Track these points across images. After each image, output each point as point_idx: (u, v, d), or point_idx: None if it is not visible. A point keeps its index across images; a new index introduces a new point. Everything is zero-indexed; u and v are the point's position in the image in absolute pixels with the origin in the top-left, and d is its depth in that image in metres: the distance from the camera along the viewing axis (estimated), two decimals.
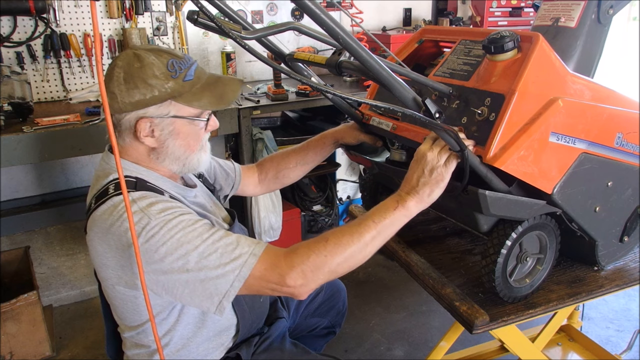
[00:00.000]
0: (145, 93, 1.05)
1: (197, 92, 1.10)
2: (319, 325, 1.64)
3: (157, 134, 1.09)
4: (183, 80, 1.08)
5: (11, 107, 2.10)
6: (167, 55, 1.08)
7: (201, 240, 1.00)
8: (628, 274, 1.38)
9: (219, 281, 1.00)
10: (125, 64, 1.06)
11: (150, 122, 1.08)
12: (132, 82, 1.05)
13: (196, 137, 1.14)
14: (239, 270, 1.00)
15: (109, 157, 1.14)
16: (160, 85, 1.06)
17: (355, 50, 0.85)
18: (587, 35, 1.30)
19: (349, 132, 1.46)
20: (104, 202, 1.05)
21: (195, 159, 1.16)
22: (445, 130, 0.98)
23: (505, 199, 1.07)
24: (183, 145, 1.12)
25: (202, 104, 1.10)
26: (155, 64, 1.06)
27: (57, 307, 2.66)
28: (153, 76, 1.05)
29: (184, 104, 1.09)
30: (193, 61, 1.13)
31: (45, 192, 2.69)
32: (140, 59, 1.06)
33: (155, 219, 1.00)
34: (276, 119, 3.18)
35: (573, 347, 2.12)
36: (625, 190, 1.29)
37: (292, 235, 2.86)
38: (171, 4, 2.72)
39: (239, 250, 1.01)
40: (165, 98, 1.07)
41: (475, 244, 1.53)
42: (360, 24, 1.34)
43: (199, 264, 0.99)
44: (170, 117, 1.08)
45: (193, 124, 1.12)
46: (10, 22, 2.40)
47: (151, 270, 1.00)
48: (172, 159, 1.13)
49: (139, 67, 1.05)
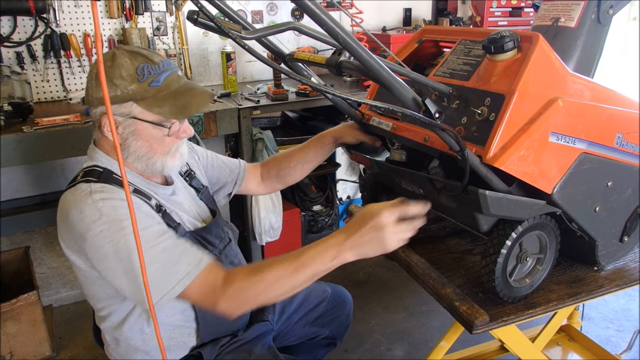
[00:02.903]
0: (109, 92, 1.07)
1: (160, 99, 1.12)
2: (319, 334, 1.63)
3: (120, 131, 1.12)
4: (149, 85, 1.11)
5: (11, 107, 2.10)
6: (142, 59, 1.11)
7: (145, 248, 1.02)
8: (628, 274, 1.38)
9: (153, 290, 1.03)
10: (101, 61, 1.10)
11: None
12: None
13: (160, 141, 1.16)
14: (172, 285, 1.05)
15: (91, 148, 1.21)
16: (124, 87, 1.08)
17: (355, 50, 0.85)
18: (587, 35, 1.30)
19: (348, 131, 1.46)
20: (70, 188, 1.12)
21: (159, 163, 1.18)
22: (445, 130, 0.98)
23: (505, 199, 1.07)
24: (145, 146, 1.15)
25: (162, 111, 1.12)
26: (124, 66, 1.09)
27: (57, 307, 2.66)
28: (119, 77, 1.08)
29: (144, 108, 1.11)
30: (168, 68, 1.14)
31: (45, 192, 2.69)
32: (115, 58, 1.09)
33: (105, 216, 1.04)
34: (276, 119, 3.18)
35: (573, 347, 2.12)
36: (625, 190, 1.29)
37: (292, 235, 2.86)
38: (171, 4, 2.72)
39: (177, 268, 1.06)
40: (126, 99, 1.09)
41: (475, 244, 1.53)
42: (360, 24, 1.34)
43: (137, 271, 1.03)
44: (130, 117, 1.11)
45: (156, 128, 1.14)
46: (10, 22, 2.40)
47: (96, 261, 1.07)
48: (135, 157, 1.16)
49: (109, 66, 1.08)
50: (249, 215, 2.63)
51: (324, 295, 1.61)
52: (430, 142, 1.17)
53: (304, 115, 3.15)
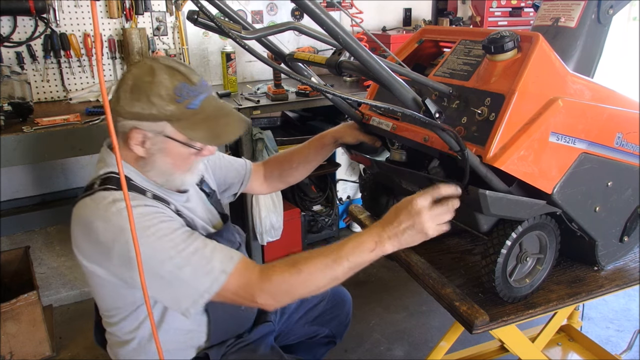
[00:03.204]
0: (145, 108, 1.07)
1: (195, 123, 1.11)
2: (318, 333, 1.63)
3: (148, 146, 1.11)
4: (186, 107, 1.09)
5: (11, 107, 2.10)
6: (180, 77, 1.09)
7: (176, 252, 1.03)
8: (628, 274, 1.38)
9: (189, 291, 1.05)
10: (138, 73, 1.08)
11: (143, 134, 1.10)
12: (137, 93, 1.07)
13: (184, 159, 1.15)
14: (209, 284, 1.05)
15: (105, 153, 1.18)
16: (161, 106, 1.07)
17: (355, 50, 0.85)
18: (587, 35, 1.30)
19: (348, 131, 1.46)
20: (89, 196, 1.08)
21: (179, 179, 1.18)
22: (445, 130, 0.98)
23: (505, 198, 1.07)
24: (170, 163, 1.14)
25: (194, 136, 1.11)
26: (163, 84, 1.07)
27: (57, 307, 2.66)
28: (157, 95, 1.06)
29: (178, 129, 1.10)
30: (205, 89, 1.13)
31: (45, 192, 2.69)
32: (153, 74, 1.07)
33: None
34: (276, 119, 3.18)
35: (573, 347, 2.12)
36: (625, 190, 1.29)
37: (292, 235, 2.86)
38: (171, 4, 2.72)
39: (211, 265, 1.05)
40: (161, 119, 1.08)
41: (475, 244, 1.53)
42: (360, 24, 1.34)
43: (172, 273, 1.03)
44: (163, 135, 1.10)
45: (185, 147, 1.13)
46: (10, 22, 2.40)
47: (126, 269, 1.05)
48: (157, 172, 1.15)
49: (148, 82, 1.07)
50: (249, 215, 2.63)
51: (323, 295, 1.61)
52: (430, 142, 1.17)
53: (304, 115, 3.15)
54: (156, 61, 1.10)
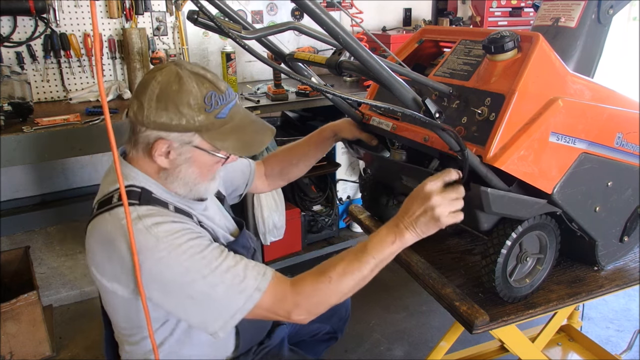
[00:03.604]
0: (173, 118, 1.02)
1: (224, 132, 1.07)
2: (320, 330, 1.63)
3: (173, 157, 1.07)
4: (215, 117, 1.05)
5: (11, 107, 2.10)
6: (209, 85, 1.04)
7: (209, 271, 1.00)
8: (628, 274, 1.38)
9: (222, 311, 1.02)
10: (165, 80, 1.02)
11: (168, 144, 1.05)
12: (164, 102, 1.02)
13: (210, 168, 1.12)
14: (243, 302, 1.02)
15: (121, 164, 1.10)
16: (191, 117, 1.02)
17: (355, 50, 0.85)
18: (587, 35, 1.30)
19: (347, 126, 1.46)
20: (108, 211, 1.03)
21: (203, 188, 1.13)
22: (445, 130, 0.98)
23: (506, 196, 1.07)
24: (196, 173, 1.10)
25: (224, 146, 1.07)
26: (193, 93, 1.02)
27: (57, 307, 2.66)
28: (187, 104, 1.02)
29: (207, 140, 1.06)
30: (232, 97, 1.10)
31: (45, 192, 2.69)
32: (181, 82, 1.02)
33: (163, 242, 0.98)
34: (276, 119, 3.18)
35: (573, 347, 2.12)
36: (625, 190, 1.29)
37: (292, 235, 2.86)
38: (171, 4, 2.72)
39: (245, 284, 1.02)
40: (191, 130, 1.04)
41: (475, 244, 1.53)
42: (360, 24, 1.34)
43: (205, 294, 1.00)
44: (190, 145, 1.06)
45: (213, 157, 1.10)
46: (10, 22, 2.40)
47: (154, 289, 1.00)
48: (181, 183, 1.10)
49: (176, 90, 1.01)
50: (251, 215, 2.63)
51: None
52: (430, 142, 1.17)
53: (304, 115, 3.15)
54: (181, 67, 1.04)
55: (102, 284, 1.06)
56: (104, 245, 1.02)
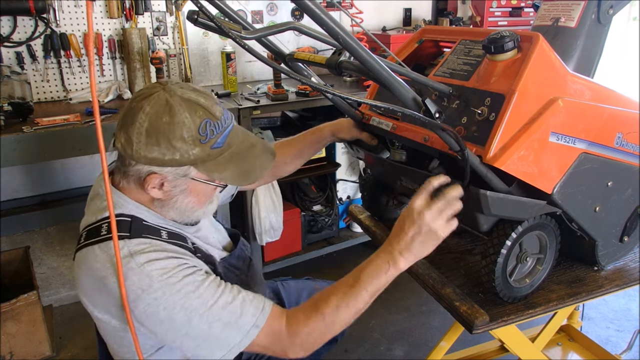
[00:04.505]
0: (166, 153, 0.96)
1: (222, 162, 1.02)
2: None
3: (167, 189, 1.02)
4: (211, 147, 1.00)
5: (11, 107, 2.10)
6: (202, 112, 0.97)
7: (206, 309, 0.97)
8: (628, 274, 1.38)
9: (219, 347, 1.00)
10: (153, 112, 0.95)
11: (161, 178, 1.00)
12: (155, 137, 0.95)
13: (208, 194, 1.09)
14: (240, 339, 1.00)
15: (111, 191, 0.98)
16: (185, 151, 0.97)
17: (355, 50, 0.85)
18: (587, 35, 1.30)
19: (346, 126, 1.45)
20: (97, 244, 0.99)
21: (201, 212, 1.10)
22: (445, 130, 0.98)
23: (506, 199, 1.07)
24: (192, 202, 1.06)
25: (222, 177, 1.03)
26: (186, 124, 0.95)
27: (57, 307, 2.66)
28: (180, 138, 0.95)
29: (203, 172, 1.01)
30: (229, 123, 1.04)
31: (45, 192, 2.68)
32: (172, 112, 0.95)
33: (157, 282, 0.95)
34: (276, 119, 3.18)
35: (573, 347, 2.12)
36: (625, 190, 1.29)
37: (292, 235, 2.85)
38: (171, 4, 2.72)
39: (243, 320, 1.00)
40: (185, 164, 0.98)
41: (475, 244, 1.53)
42: (360, 24, 1.34)
43: (202, 330, 0.98)
44: (188, 178, 1.02)
45: (210, 186, 1.06)
46: (10, 22, 2.40)
47: (148, 326, 0.98)
48: (177, 212, 1.07)
49: (167, 123, 0.95)
50: (249, 215, 2.63)
51: None
52: (430, 142, 1.17)
53: (304, 115, 3.15)
54: (172, 93, 0.97)
55: (94, 314, 1.04)
56: (95, 281, 0.99)
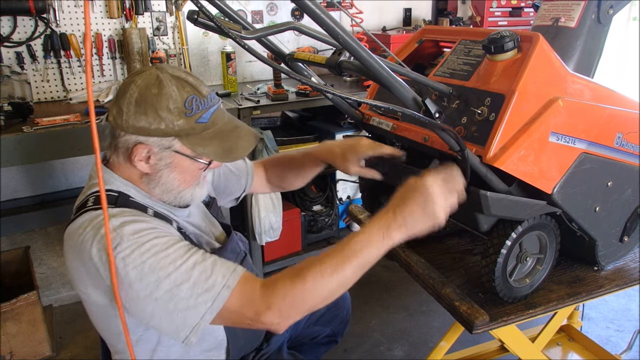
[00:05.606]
0: (152, 123, 1.00)
1: (205, 138, 1.05)
2: (320, 333, 1.62)
3: (153, 162, 1.05)
4: (196, 121, 1.03)
5: (11, 107, 2.10)
6: (190, 89, 1.03)
7: (174, 268, 0.94)
8: (628, 274, 1.38)
9: (189, 313, 0.94)
10: (143, 84, 1.01)
11: (148, 149, 1.04)
12: (143, 107, 1.00)
13: (193, 174, 1.10)
14: (211, 302, 0.94)
15: (102, 170, 1.06)
16: (170, 121, 1.00)
17: (355, 50, 0.85)
18: (587, 35, 1.30)
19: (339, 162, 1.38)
20: (80, 215, 1.01)
21: (189, 194, 1.11)
22: (445, 130, 0.98)
23: (506, 199, 1.07)
24: (178, 179, 1.08)
25: (205, 152, 1.05)
26: (172, 97, 1.00)
27: (57, 307, 2.66)
28: (166, 109, 1.00)
29: (187, 145, 1.04)
30: (214, 102, 1.08)
31: (45, 192, 2.68)
32: (161, 85, 1.00)
33: (127, 241, 0.94)
34: (276, 119, 3.18)
35: (573, 347, 2.12)
36: (625, 190, 1.29)
37: (292, 235, 2.86)
38: (171, 4, 2.72)
39: (212, 280, 0.95)
40: (170, 135, 1.02)
41: (475, 244, 1.53)
42: (360, 24, 1.34)
43: (169, 293, 0.94)
44: (170, 150, 1.04)
45: (195, 162, 1.08)
46: (10, 22, 2.40)
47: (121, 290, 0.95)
48: (164, 189, 1.08)
49: (155, 94, 1.00)
50: (248, 215, 2.63)
51: None
52: (430, 142, 1.17)
53: (304, 115, 3.15)
54: (162, 70, 1.03)
55: (84, 294, 1.04)
56: (78, 251, 0.99)
